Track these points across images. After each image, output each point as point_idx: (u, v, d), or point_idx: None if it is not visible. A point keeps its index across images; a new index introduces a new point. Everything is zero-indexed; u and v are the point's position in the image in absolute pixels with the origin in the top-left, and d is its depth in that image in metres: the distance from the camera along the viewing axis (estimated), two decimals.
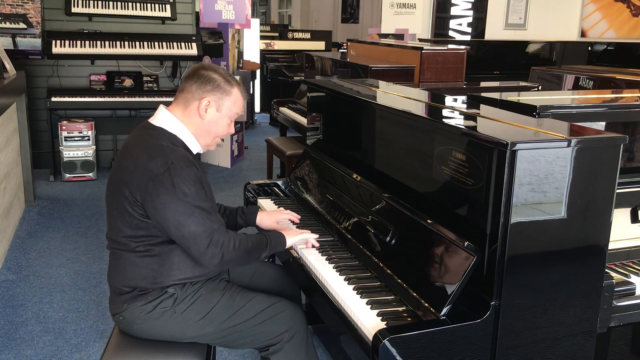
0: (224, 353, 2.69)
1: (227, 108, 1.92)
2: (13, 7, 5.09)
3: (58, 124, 5.33)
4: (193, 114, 1.89)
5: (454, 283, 1.57)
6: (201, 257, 1.78)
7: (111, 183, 1.88)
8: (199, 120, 1.90)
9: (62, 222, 4.36)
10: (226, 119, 1.94)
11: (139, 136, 1.88)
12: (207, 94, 1.88)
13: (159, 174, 1.74)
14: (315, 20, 14.58)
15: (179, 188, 1.74)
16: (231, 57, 6.09)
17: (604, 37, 7.52)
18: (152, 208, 1.76)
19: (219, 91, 1.90)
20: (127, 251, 1.85)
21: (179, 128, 1.88)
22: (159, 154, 1.77)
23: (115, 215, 1.84)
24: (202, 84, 1.89)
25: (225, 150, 6.12)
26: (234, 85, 1.93)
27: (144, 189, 1.75)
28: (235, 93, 1.93)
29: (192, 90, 1.89)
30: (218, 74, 1.92)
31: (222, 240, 1.79)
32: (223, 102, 1.91)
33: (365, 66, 3.96)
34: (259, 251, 1.91)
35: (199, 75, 1.90)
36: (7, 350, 2.69)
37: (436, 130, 1.84)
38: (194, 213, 1.75)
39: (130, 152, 1.84)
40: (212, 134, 1.94)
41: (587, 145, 1.54)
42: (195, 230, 1.75)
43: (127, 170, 1.80)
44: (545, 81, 3.70)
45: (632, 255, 1.97)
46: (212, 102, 1.89)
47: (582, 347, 1.69)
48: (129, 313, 1.85)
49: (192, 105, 1.89)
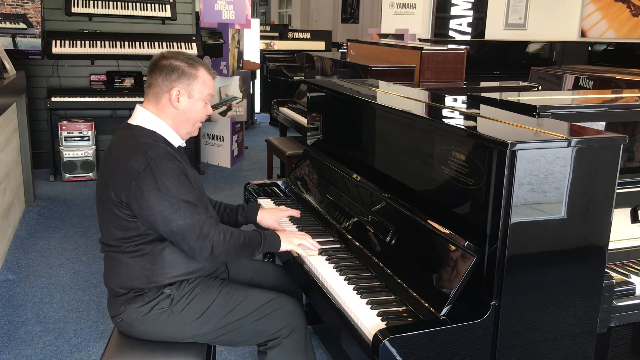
0: (224, 353, 2.69)
1: (198, 92, 1.89)
2: (13, 7, 5.09)
3: (58, 124, 5.33)
4: (166, 106, 1.87)
5: (454, 283, 1.57)
6: (191, 251, 1.79)
7: (98, 188, 1.88)
8: (174, 111, 1.88)
9: (62, 222, 4.36)
10: (200, 103, 1.91)
11: (119, 138, 1.87)
12: (174, 83, 1.86)
13: (140, 171, 1.73)
14: (315, 20, 14.58)
15: (161, 183, 1.73)
16: (231, 57, 6.09)
17: (604, 37, 7.52)
18: (137, 207, 1.75)
19: (185, 77, 1.87)
20: (120, 253, 1.85)
21: (157, 123, 1.87)
22: (138, 151, 1.76)
23: (105, 219, 1.85)
24: (167, 74, 1.86)
25: (225, 150, 6.12)
26: (198, 68, 1.90)
27: (128, 188, 1.75)
28: (202, 74, 1.90)
29: (159, 83, 1.87)
30: (179, 60, 1.88)
31: (212, 233, 1.79)
32: (192, 87, 1.88)
33: (365, 66, 3.96)
34: (251, 247, 1.90)
35: (161, 67, 1.87)
36: (7, 350, 2.69)
37: (436, 130, 1.84)
38: (180, 207, 1.75)
39: (111, 154, 1.84)
40: (190, 121, 1.92)
41: (587, 145, 1.54)
42: (183, 224, 1.75)
43: (110, 173, 1.80)
44: (545, 81, 3.70)
45: (632, 255, 1.97)
46: (182, 91, 1.86)
47: (582, 347, 1.69)
48: (127, 315, 1.85)
49: (163, 98, 1.87)
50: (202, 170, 5.84)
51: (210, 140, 6.22)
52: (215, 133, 6.17)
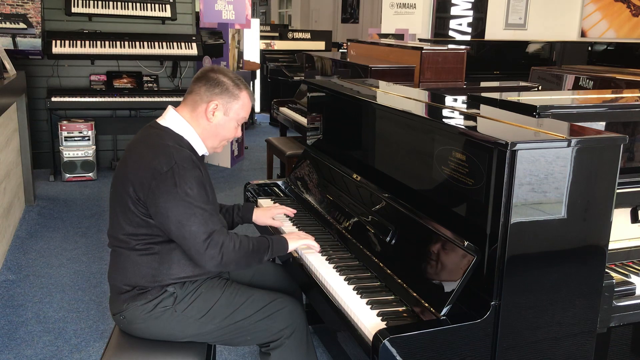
0: (224, 353, 2.69)
1: (235, 112, 1.92)
2: (13, 7, 5.09)
3: (58, 124, 5.33)
4: (200, 116, 1.90)
5: (454, 283, 1.57)
6: (200, 258, 1.78)
7: (116, 181, 1.88)
8: (206, 123, 1.90)
9: (62, 222, 4.36)
10: (233, 123, 1.94)
11: (146, 135, 1.88)
12: (215, 97, 1.88)
13: (163, 172, 1.74)
14: (315, 20, 14.58)
15: (181, 188, 1.74)
16: (231, 57, 6.09)
17: (604, 37, 7.52)
18: (154, 206, 1.76)
19: (227, 95, 1.89)
20: (128, 249, 1.85)
21: (186, 129, 1.89)
22: (163, 153, 1.78)
23: (117, 212, 1.85)
24: (211, 86, 1.89)
25: (225, 150, 6.12)
26: (242, 89, 1.93)
27: (147, 187, 1.75)
28: (243, 97, 1.93)
29: (201, 93, 1.89)
30: (227, 77, 1.91)
31: (222, 241, 1.79)
32: (231, 105, 1.91)
33: (365, 66, 3.96)
34: (260, 254, 1.89)
35: (208, 78, 1.90)
36: (7, 350, 2.69)
37: (436, 130, 1.84)
38: (195, 213, 1.75)
39: (135, 150, 1.85)
40: (219, 137, 1.94)
41: (587, 145, 1.54)
42: (196, 230, 1.75)
43: (131, 168, 1.81)
44: (545, 81, 3.70)
45: (632, 255, 1.97)
46: (220, 106, 1.89)
47: (582, 347, 1.69)
48: (130, 312, 1.85)
49: (200, 107, 1.89)
50: None
51: None
52: None
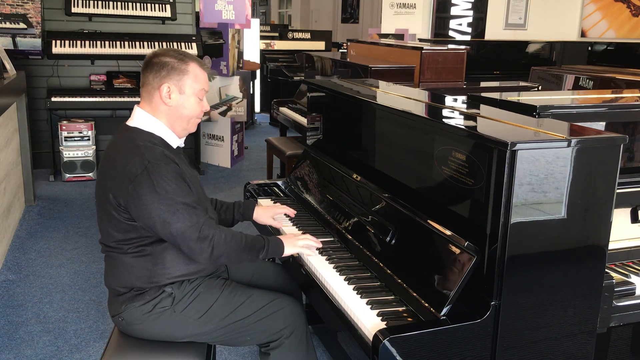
0: (224, 353, 2.69)
1: (190, 87, 1.87)
2: (13, 7, 5.09)
3: (58, 124, 5.33)
4: (159, 104, 1.86)
5: (454, 283, 1.57)
6: (191, 253, 1.78)
7: (97, 190, 1.87)
8: (166, 108, 1.86)
9: (62, 222, 4.36)
10: (193, 98, 1.88)
11: (118, 140, 1.86)
12: (164, 79, 1.84)
13: (138, 174, 1.72)
14: (315, 20, 14.57)
15: (159, 186, 1.72)
16: (231, 57, 6.09)
17: (604, 37, 7.52)
18: (135, 210, 1.75)
19: (175, 73, 1.85)
20: (120, 253, 1.85)
21: (153, 124, 1.86)
22: (135, 154, 1.75)
23: (104, 220, 1.84)
24: (157, 71, 1.84)
25: (225, 150, 6.13)
26: (189, 62, 1.87)
27: (126, 192, 1.74)
28: (192, 69, 1.87)
29: (150, 81, 1.85)
30: (169, 56, 1.86)
31: (212, 234, 1.78)
32: (183, 82, 1.86)
33: (365, 66, 3.96)
34: (253, 252, 1.88)
35: (152, 64, 1.86)
36: (7, 350, 2.69)
37: (436, 130, 1.84)
38: (178, 210, 1.74)
39: (110, 157, 1.83)
40: (185, 118, 1.89)
41: (587, 145, 1.54)
42: (182, 226, 1.74)
43: (108, 176, 1.79)
44: (545, 81, 3.70)
45: (632, 255, 1.97)
46: (172, 87, 1.84)
47: (582, 347, 1.69)
48: (128, 314, 1.85)
49: (155, 96, 1.86)
50: (202, 170, 5.84)
51: (210, 140, 6.22)
52: (215, 133, 6.17)
